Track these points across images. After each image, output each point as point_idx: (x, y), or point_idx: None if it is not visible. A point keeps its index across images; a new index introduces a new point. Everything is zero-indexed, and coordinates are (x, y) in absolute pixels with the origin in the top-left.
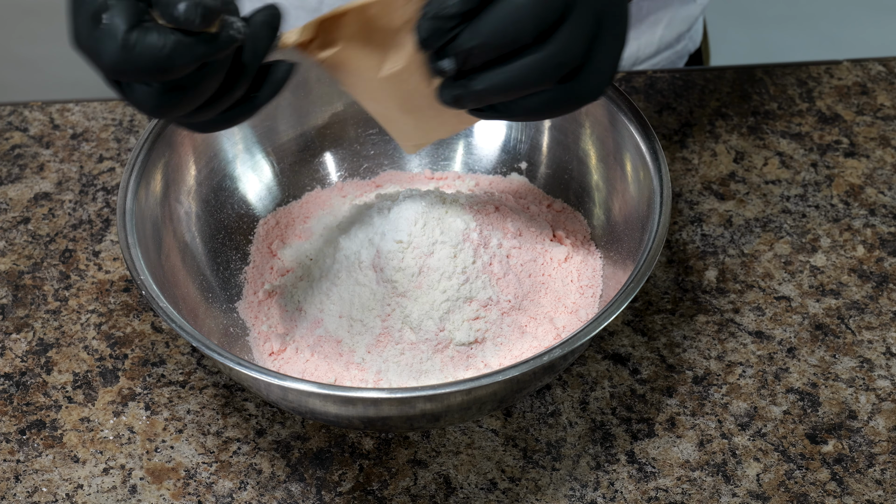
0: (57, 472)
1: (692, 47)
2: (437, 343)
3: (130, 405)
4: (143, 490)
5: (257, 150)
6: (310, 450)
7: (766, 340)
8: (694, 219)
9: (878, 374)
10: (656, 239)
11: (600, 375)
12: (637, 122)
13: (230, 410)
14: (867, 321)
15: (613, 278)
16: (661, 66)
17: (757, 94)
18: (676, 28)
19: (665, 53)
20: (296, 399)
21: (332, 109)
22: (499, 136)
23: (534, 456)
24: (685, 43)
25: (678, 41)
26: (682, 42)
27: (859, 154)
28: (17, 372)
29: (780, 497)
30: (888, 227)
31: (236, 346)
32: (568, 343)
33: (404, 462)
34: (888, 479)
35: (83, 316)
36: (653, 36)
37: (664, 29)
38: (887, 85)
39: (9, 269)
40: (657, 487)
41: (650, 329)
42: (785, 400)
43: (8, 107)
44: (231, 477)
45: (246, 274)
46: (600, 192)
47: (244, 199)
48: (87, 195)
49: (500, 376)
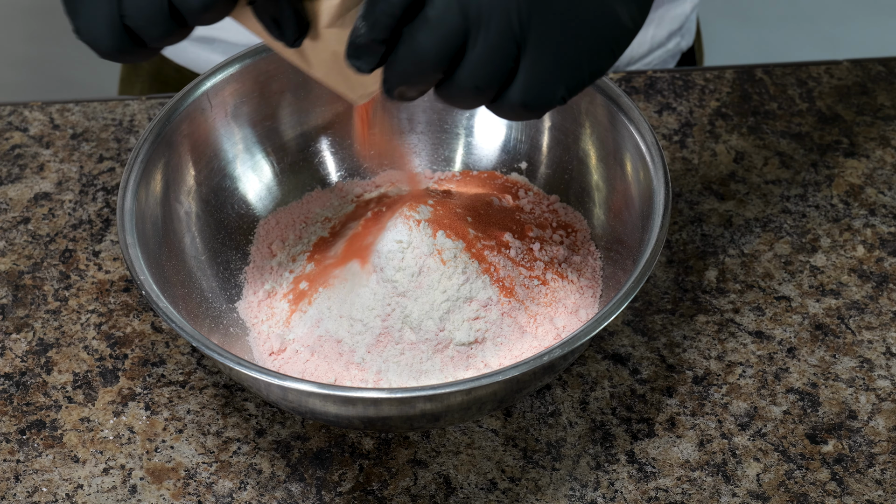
0: (57, 472)
1: (685, 45)
2: (437, 343)
3: (130, 405)
4: (143, 490)
5: (257, 150)
6: (310, 450)
7: (766, 340)
8: (694, 219)
9: (878, 374)
10: (656, 239)
11: (600, 375)
12: (637, 122)
13: (230, 410)
14: (867, 321)
15: (613, 278)
16: (654, 64)
17: (757, 94)
18: (667, 27)
19: (657, 52)
20: (296, 399)
21: (332, 109)
22: (499, 135)
23: (534, 456)
24: (677, 41)
25: (669, 39)
26: (673, 40)
27: (859, 154)
28: (17, 372)
29: (780, 497)
30: (888, 227)
31: (236, 346)
32: (568, 343)
33: (404, 462)
34: (888, 479)
35: (83, 316)
36: (644, 35)
37: (655, 28)
38: (887, 85)
39: (9, 269)
40: (657, 487)
41: (650, 329)
42: (785, 400)
43: (8, 107)
44: (231, 477)
45: (246, 274)
46: (600, 192)
47: (244, 199)
48: (87, 195)
49: (500, 376)
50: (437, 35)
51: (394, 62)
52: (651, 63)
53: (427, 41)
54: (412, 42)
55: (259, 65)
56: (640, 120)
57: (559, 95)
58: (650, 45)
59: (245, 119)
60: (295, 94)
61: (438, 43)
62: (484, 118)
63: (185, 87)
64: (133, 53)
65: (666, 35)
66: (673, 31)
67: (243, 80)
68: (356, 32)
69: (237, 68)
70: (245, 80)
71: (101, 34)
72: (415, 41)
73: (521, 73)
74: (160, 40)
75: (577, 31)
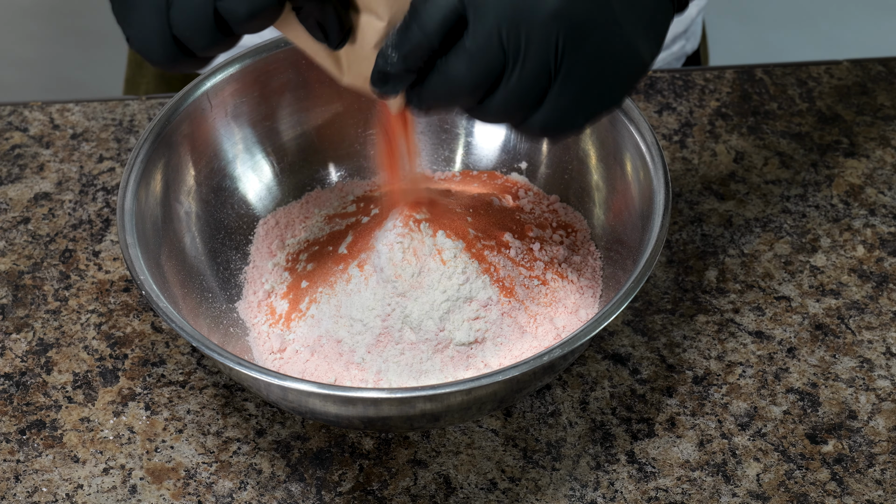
0: (57, 472)
1: (690, 49)
2: (437, 343)
3: (130, 405)
4: (143, 490)
5: (257, 150)
6: (310, 450)
7: (766, 340)
8: (694, 219)
9: (878, 374)
10: (656, 239)
11: (600, 375)
12: (637, 122)
13: (230, 410)
14: (867, 321)
15: (613, 278)
16: (659, 67)
17: (757, 94)
18: (672, 30)
19: (661, 55)
20: (296, 399)
21: (332, 109)
22: (499, 135)
23: (534, 456)
24: (682, 44)
25: (674, 43)
26: (678, 44)
27: (859, 154)
28: (17, 372)
29: (780, 497)
30: (888, 227)
31: (236, 346)
32: (568, 343)
33: (404, 462)
34: (888, 479)
35: (83, 316)
36: None
37: None
38: (887, 85)
39: (9, 269)
40: (657, 487)
41: (650, 329)
42: (785, 400)
43: (8, 107)
44: (231, 477)
45: (246, 274)
46: (600, 192)
47: (244, 199)
48: (87, 195)
49: (500, 376)
50: (475, 68)
51: (426, 87)
52: (655, 65)
53: (464, 73)
54: (448, 71)
55: (259, 65)
56: (640, 120)
57: (578, 124)
58: None
59: (245, 119)
60: (295, 94)
61: (476, 76)
62: None
63: (185, 87)
64: (183, 63)
65: (671, 38)
66: (678, 34)
67: (243, 80)
68: (386, 60)
69: (237, 68)
70: (245, 80)
71: (151, 44)
72: (450, 71)
73: (546, 103)
74: (208, 49)
75: (602, 66)
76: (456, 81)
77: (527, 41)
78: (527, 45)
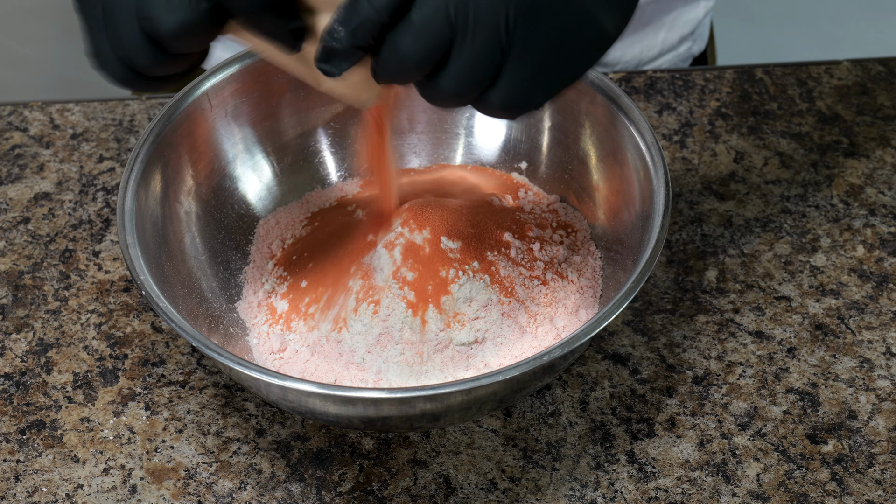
0: (57, 472)
1: (696, 50)
2: (437, 343)
3: (130, 405)
4: (143, 490)
5: (257, 150)
6: (310, 450)
7: (766, 340)
8: (694, 219)
9: (878, 374)
10: (656, 239)
11: (600, 375)
12: (637, 122)
13: (230, 410)
14: (867, 321)
15: (613, 278)
16: (664, 67)
17: (757, 94)
18: (679, 30)
19: (668, 56)
20: (296, 399)
21: (332, 109)
22: (499, 135)
23: (534, 456)
24: (688, 45)
25: (681, 44)
26: (685, 45)
27: (859, 154)
28: (17, 372)
29: (780, 497)
30: (888, 227)
31: (236, 346)
32: (568, 343)
33: (404, 462)
34: (888, 479)
35: (83, 316)
36: (655, 38)
37: (667, 31)
38: (887, 85)
39: (9, 269)
40: (657, 487)
41: (650, 329)
42: (785, 400)
43: (8, 107)
44: (231, 477)
45: (246, 274)
46: (600, 192)
47: (244, 199)
48: (87, 195)
49: (500, 376)
50: (421, 41)
51: (378, 62)
52: (661, 67)
53: (410, 46)
54: (395, 46)
55: (259, 65)
56: (640, 120)
57: (537, 100)
58: (661, 49)
59: (245, 119)
60: (295, 94)
61: (423, 49)
62: (484, 118)
63: (185, 87)
64: (141, 84)
65: (678, 39)
66: (685, 35)
67: (243, 80)
68: (332, 36)
69: (237, 68)
70: (245, 80)
71: (106, 66)
72: (398, 45)
73: (502, 79)
74: (154, 68)
75: (559, 40)
76: (403, 55)
77: (475, 14)
78: (475, 18)
